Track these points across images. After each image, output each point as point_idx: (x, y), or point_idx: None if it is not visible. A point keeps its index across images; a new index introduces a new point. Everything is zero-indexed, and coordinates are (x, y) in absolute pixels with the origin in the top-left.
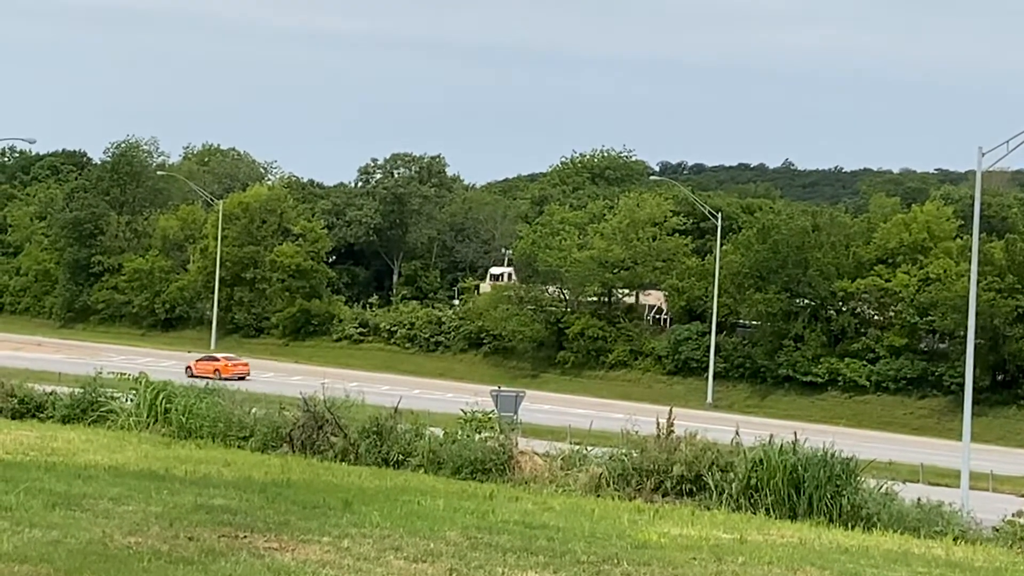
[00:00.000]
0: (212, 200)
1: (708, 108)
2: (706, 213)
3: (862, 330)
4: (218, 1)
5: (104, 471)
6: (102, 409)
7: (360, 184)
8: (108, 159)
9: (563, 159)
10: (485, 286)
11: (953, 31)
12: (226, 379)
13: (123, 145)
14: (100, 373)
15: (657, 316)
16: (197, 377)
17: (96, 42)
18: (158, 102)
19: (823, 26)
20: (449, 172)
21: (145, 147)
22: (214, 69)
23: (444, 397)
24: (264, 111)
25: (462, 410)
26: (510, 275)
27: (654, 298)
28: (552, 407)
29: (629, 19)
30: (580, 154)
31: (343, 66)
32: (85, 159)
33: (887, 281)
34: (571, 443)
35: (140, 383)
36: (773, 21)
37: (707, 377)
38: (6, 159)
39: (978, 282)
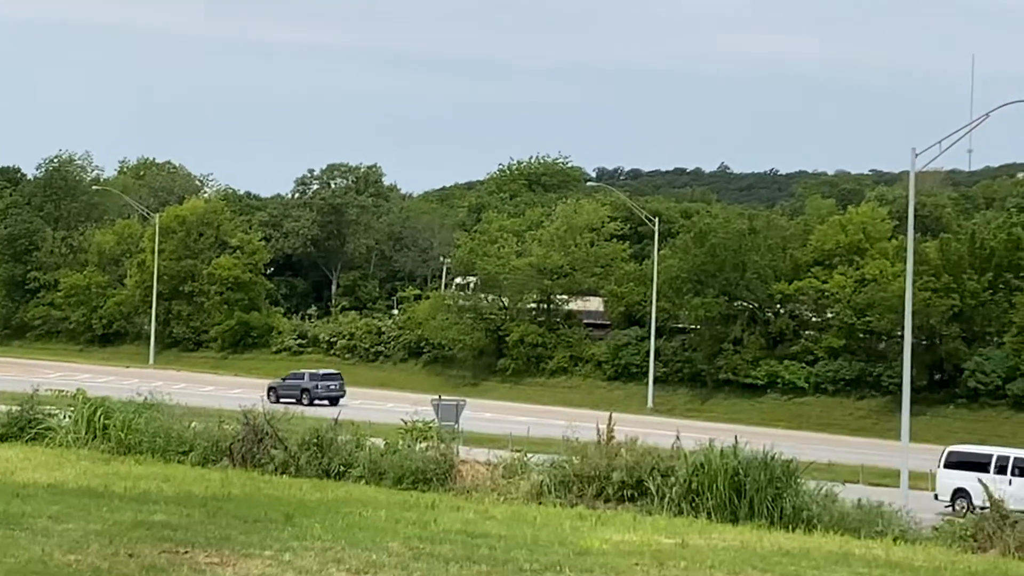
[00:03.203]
0: (148, 214)
1: (643, 113)
2: (643, 218)
3: (800, 332)
4: (149, 14)
5: (43, 489)
6: (39, 427)
7: (297, 195)
8: (41, 175)
9: (500, 167)
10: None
11: (885, 33)
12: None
13: (56, 160)
14: (37, 390)
15: (596, 322)
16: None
17: (28, 57)
18: (91, 116)
19: (756, 30)
20: (386, 181)
21: (79, 162)
22: (147, 83)
23: (385, 407)
24: (199, 124)
25: (403, 420)
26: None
27: (593, 304)
28: (493, 415)
29: (561, 26)
30: (517, 161)
31: (277, 77)
32: (19, 175)
33: (824, 283)
34: (512, 451)
35: (78, 400)
36: (706, 26)
37: (647, 382)
38: None
39: (914, 282)
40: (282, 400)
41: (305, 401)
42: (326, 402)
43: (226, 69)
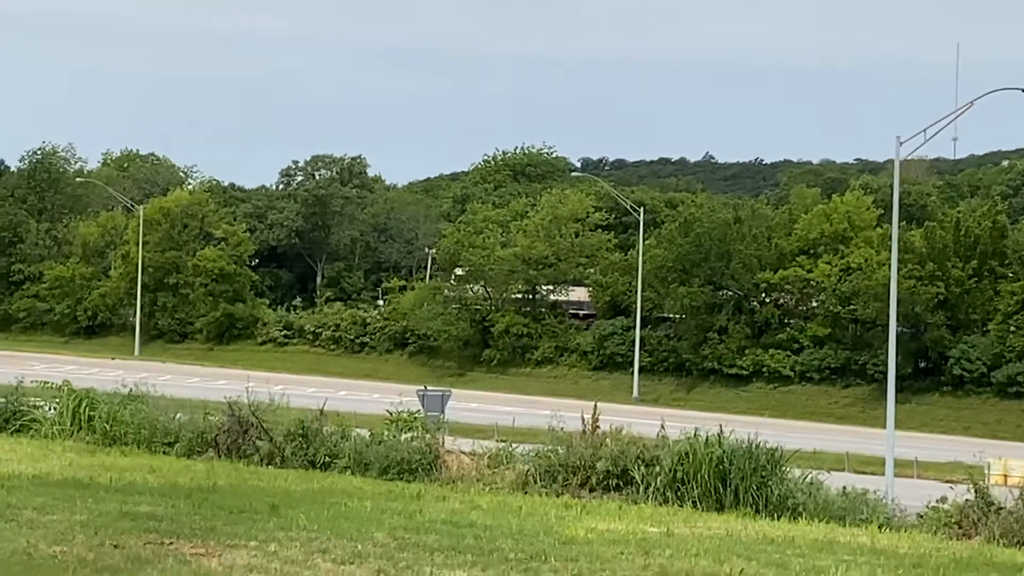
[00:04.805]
0: (132, 206)
1: (628, 103)
2: (628, 208)
3: (785, 321)
4: (131, 5)
5: (28, 481)
6: (25, 418)
7: (281, 187)
8: (24, 167)
9: (485, 157)
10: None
11: (870, 21)
12: None
13: (39, 152)
14: (22, 382)
15: (581, 312)
16: None
17: (8, 48)
18: (74, 108)
19: (740, 18)
20: (370, 173)
21: (62, 154)
22: (130, 74)
23: (370, 398)
24: (182, 116)
25: (388, 411)
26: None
27: (578, 294)
28: (479, 405)
29: (545, 17)
30: (501, 152)
31: (262, 69)
32: (2, 167)
33: (809, 272)
34: (498, 441)
35: (63, 391)
36: (691, 15)
37: (633, 372)
38: None
39: (899, 270)
40: None
41: None
42: None
43: (209, 60)
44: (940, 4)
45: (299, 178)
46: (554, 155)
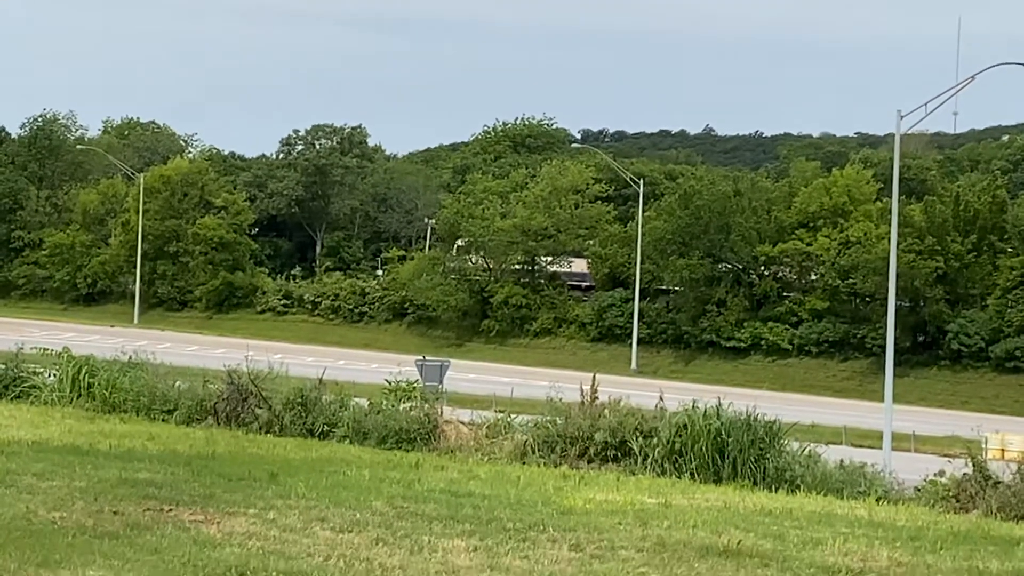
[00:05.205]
0: (132, 174)
1: (628, 76)
2: (628, 180)
3: (784, 294)
4: None
5: (27, 447)
6: (24, 385)
7: (281, 156)
8: (25, 134)
9: (484, 128)
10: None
11: None
12: None
13: (40, 119)
14: (22, 349)
15: (580, 284)
16: None
17: (10, 16)
18: (75, 76)
19: None
20: (370, 143)
21: (63, 121)
22: (131, 42)
23: (369, 368)
24: (183, 84)
25: (387, 380)
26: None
27: (577, 266)
28: (477, 376)
29: None
30: (502, 123)
31: (263, 39)
32: (3, 134)
33: (808, 245)
34: (496, 411)
35: (63, 358)
36: None
37: (631, 343)
38: None
39: (898, 244)
40: None
41: None
42: None
43: (211, 30)
44: None
45: (299, 147)
46: (554, 126)
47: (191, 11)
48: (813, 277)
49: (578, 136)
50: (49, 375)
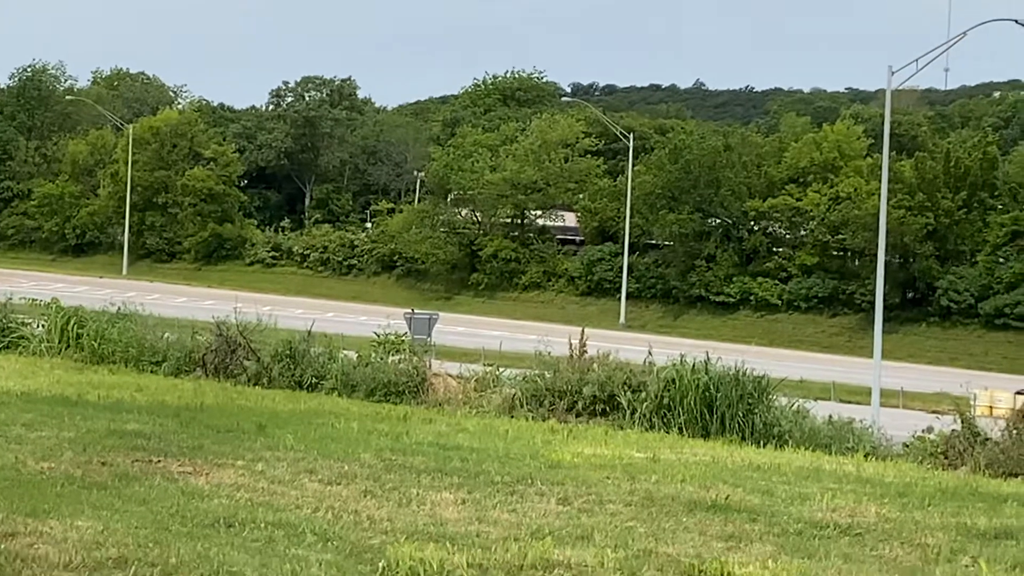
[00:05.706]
0: (122, 125)
1: (619, 29)
2: (618, 134)
3: (774, 249)
4: None
5: (16, 397)
6: (13, 335)
7: (271, 107)
8: (14, 84)
9: (474, 81)
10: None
11: None
12: None
13: (30, 69)
14: (10, 299)
15: (570, 237)
16: None
17: None
18: (64, 26)
19: None
20: (360, 95)
21: (52, 71)
22: None
23: (358, 320)
24: (172, 35)
25: (375, 333)
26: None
27: (567, 219)
28: (466, 329)
29: None
30: (491, 76)
31: None
32: None
33: (798, 200)
34: (484, 365)
35: (51, 309)
36: None
37: (620, 298)
38: None
39: (888, 200)
40: None
41: None
42: None
43: None
44: None
45: (289, 99)
46: (544, 80)
47: None
48: (803, 232)
49: (568, 90)
50: (38, 326)
